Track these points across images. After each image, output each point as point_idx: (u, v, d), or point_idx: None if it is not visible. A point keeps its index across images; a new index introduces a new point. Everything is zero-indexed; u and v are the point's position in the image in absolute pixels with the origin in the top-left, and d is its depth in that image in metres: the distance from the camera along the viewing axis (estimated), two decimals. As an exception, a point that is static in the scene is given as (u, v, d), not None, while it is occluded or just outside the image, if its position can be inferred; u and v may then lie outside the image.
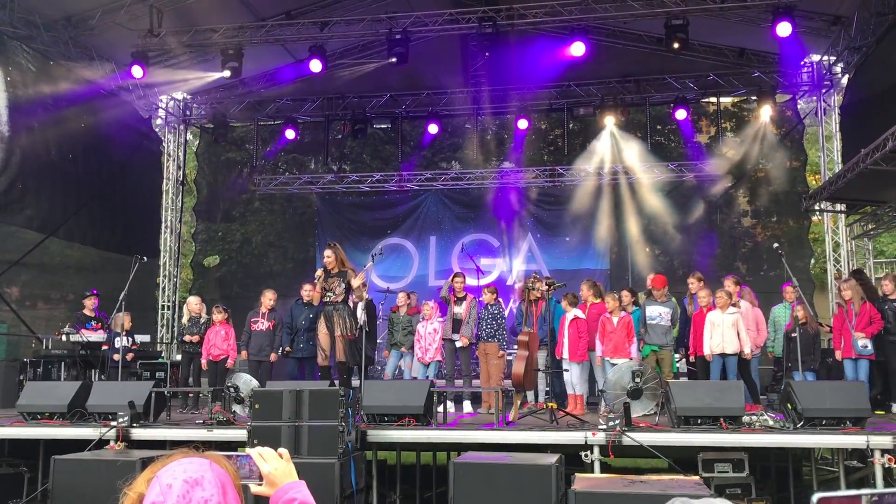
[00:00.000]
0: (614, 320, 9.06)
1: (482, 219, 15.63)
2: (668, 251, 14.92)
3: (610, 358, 8.92)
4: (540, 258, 15.15)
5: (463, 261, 14.54)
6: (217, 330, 10.06)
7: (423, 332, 9.96)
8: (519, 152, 15.50)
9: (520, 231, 15.42)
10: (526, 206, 15.46)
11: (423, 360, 9.89)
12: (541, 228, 15.42)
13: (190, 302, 10.68)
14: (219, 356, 9.94)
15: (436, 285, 14.60)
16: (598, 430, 6.38)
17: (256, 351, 10.01)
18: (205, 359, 9.96)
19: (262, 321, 10.12)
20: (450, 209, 15.80)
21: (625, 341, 8.96)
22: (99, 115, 13.10)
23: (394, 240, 15.83)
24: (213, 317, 10.20)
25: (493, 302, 9.77)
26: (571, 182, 15.27)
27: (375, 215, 16.05)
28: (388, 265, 15.38)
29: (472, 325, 9.68)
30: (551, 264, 14.97)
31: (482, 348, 9.57)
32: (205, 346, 10.02)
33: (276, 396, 6.27)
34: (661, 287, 9.44)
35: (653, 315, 9.26)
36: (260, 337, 10.06)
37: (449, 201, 15.79)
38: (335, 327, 8.51)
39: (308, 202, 16.54)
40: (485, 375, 9.57)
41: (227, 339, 10.03)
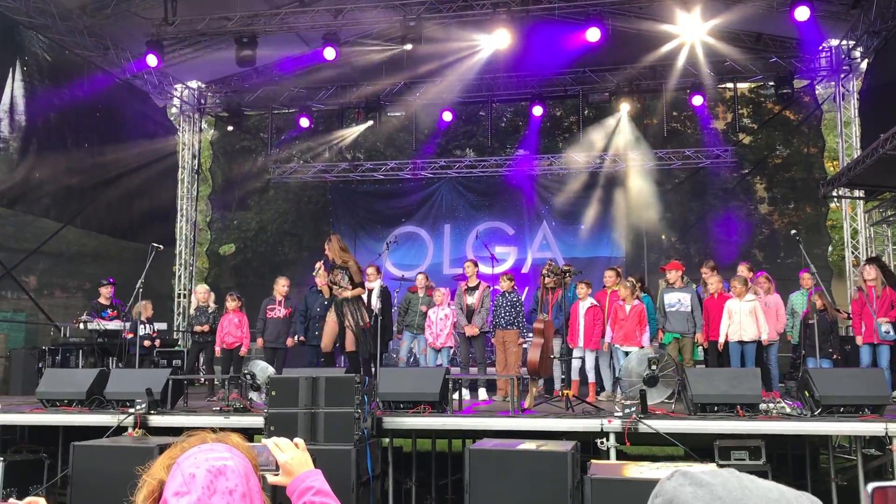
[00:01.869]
0: (627, 308, 9.06)
1: (497, 207, 15.64)
2: (684, 238, 14.85)
3: (620, 345, 8.95)
4: (555, 246, 15.15)
5: (478, 249, 14.53)
6: (231, 318, 10.13)
7: (434, 318, 9.97)
8: (534, 139, 15.47)
9: (535, 219, 15.45)
10: (540, 194, 15.46)
11: (434, 345, 9.91)
12: (555, 216, 15.39)
13: (197, 291, 10.74)
14: (233, 344, 10.01)
15: (450, 273, 14.70)
16: (613, 418, 6.35)
17: (273, 338, 10.05)
18: (219, 346, 10.03)
19: (279, 308, 10.15)
20: (464, 197, 15.79)
21: (636, 329, 8.95)
22: (114, 104, 13.17)
23: (408, 228, 15.87)
24: (227, 304, 10.27)
25: (511, 290, 9.79)
26: (587, 169, 15.23)
27: (390, 203, 16.08)
28: (403, 253, 15.43)
29: (484, 314, 9.67)
30: (566, 252, 14.96)
31: (500, 336, 9.55)
32: (218, 334, 10.10)
33: (293, 383, 6.26)
34: (676, 272, 9.38)
35: (671, 302, 9.23)
36: (277, 324, 10.10)
37: (463, 189, 15.78)
38: (346, 318, 8.49)
39: (322, 190, 16.56)
40: (502, 363, 9.57)
41: (241, 327, 10.09)
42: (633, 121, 15.03)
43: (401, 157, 16.02)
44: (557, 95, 15.08)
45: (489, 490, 5.43)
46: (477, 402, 9.39)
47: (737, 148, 14.81)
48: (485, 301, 9.75)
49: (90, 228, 12.72)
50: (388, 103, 15.14)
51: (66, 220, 11.97)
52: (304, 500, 1.85)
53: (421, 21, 11.42)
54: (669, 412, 6.91)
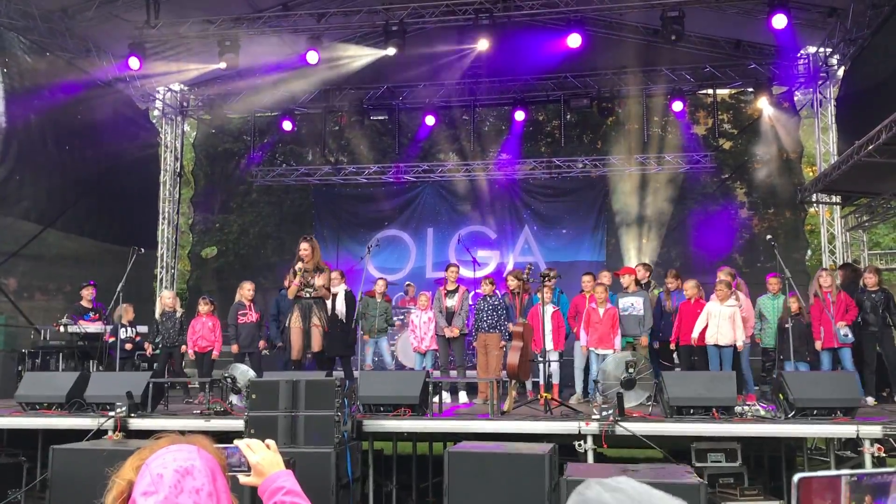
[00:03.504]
0: (600, 311, 9.15)
1: (479, 211, 15.61)
2: (664, 243, 14.97)
3: (595, 348, 9.05)
4: (536, 250, 15.17)
5: (460, 253, 14.53)
6: (203, 321, 10.11)
7: (417, 322, 10.00)
8: (516, 144, 15.51)
9: (516, 223, 15.45)
10: (522, 198, 15.48)
11: (419, 349, 9.94)
12: (537, 220, 15.41)
13: (163, 296, 10.80)
14: (205, 348, 10.01)
15: (434, 277, 14.61)
16: (591, 420, 6.42)
17: (248, 343, 10.03)
18: (191, 349, 10.02)
19: (251, 313, 10.13)
20: (447, 201, 15.79)
21: (610, 332, 9.07)
22: (96, 106, 13.09)
23: (391, 231, 15.82)
24: (199, 308, 10.26)
25: (492, 293, 9.78)
26: (568, 174, 15.33)
27: (372, 207, 16.05)
28: (386, 257, 15.41)
29: (463, 317, 9.71)
30: (548, 256, 14.96)
31: (482, 340, 9.53)
32: (190, 337, 10.06)
33: (273, 386, 6.31)
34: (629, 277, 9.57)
35: (625, 306, 9.39)
36: (250, 329, 10.07)
37: (446, 193, 15.79)
38: (313, 320, 8.41)
39: (305, 194, 16.52)
40: (483, 367, 9.56)
41: (214, 331, 10.09)
42: (614, 126, 15.15)
43: (383, 160, 16.03)
44: (539, 100, 15.16)
45: (468, 492, 5.48)
46: (457, 404, 9.42)
47: (717, 153, 14.96)
48: (464, 304, 9.79)
49: (71, 231, 12.63)
50: (371, 107, 15.18)
51: (47, 223, 11.90)
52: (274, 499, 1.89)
53: (403, 26, 11.47)
54: (647, 415, 6.98)
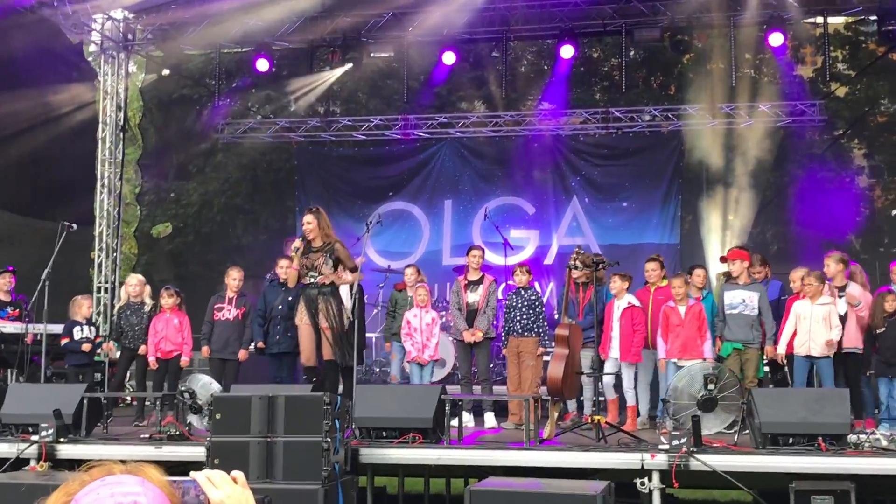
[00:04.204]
0: (681, 310, 9.07)
1: (513, 177, 15.63)
2: (757, 220, 14.84)
3: (677, 359, 8.93)
4: (588, 229, 15.16)
5: (487, 232, 14.59)
6: (168, 319, 10.10)
7: (416, 324, 9.98)
8: (562, 89, 15.44)
9: (561, 194, 15.44)
10: (570, 161, 15.46)
11: (418, 359, 9.92)
12: (590, 190, 15.41)
13: (129, 282, 10.70)
14: (171, 353, 10.00)
15: (452, 264, 14.74)
16: (658, 452, 6.41)
17: (221, 346, 10.01)
18: (152, 355, 10.03)
19: (230, 308, 10.11)
20: (470, 164, 15.78)
21: (696, 337, 8.96)
22: (13, 39, 13.09)
23: (397, 204, 15.88)
24: (162, 302, 10.24)
25: (528, 285, 9.78)
26: (631, 129, 15.23)
27: (373, 172, 16.07)
28: (390, 237, 15.48)
29: (490, 316, 9.74)
30: (603, 238, 15.00)
31: (514, 345, 9.55)
32: (151, 339, 10.07)
33: (243, 404, 6.33)
34: (741, 264, 9.38)
35: (733, 302, 9.21)
36: (226, 328, 10.06)
37: (469, 154, 15.77)
38: (320, 317, 8.54)
39: (286, 154, 16.57)
40: (515, 380, 9.58)
41: (181, 331, 10.11)
42: (692, 65, 15.00)
43: (388, 111, 16.01)
44: (594, 32, 14.91)
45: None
46: (482, 429, 9.44)
47: (828, 102, 14.78)
48: (490, 299, 9.76)
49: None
50: (371, 40, 15.06)
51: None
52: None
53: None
54: (731, 445, 6.90)
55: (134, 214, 17.49)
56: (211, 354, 10.07)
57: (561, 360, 8.16)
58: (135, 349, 10.28)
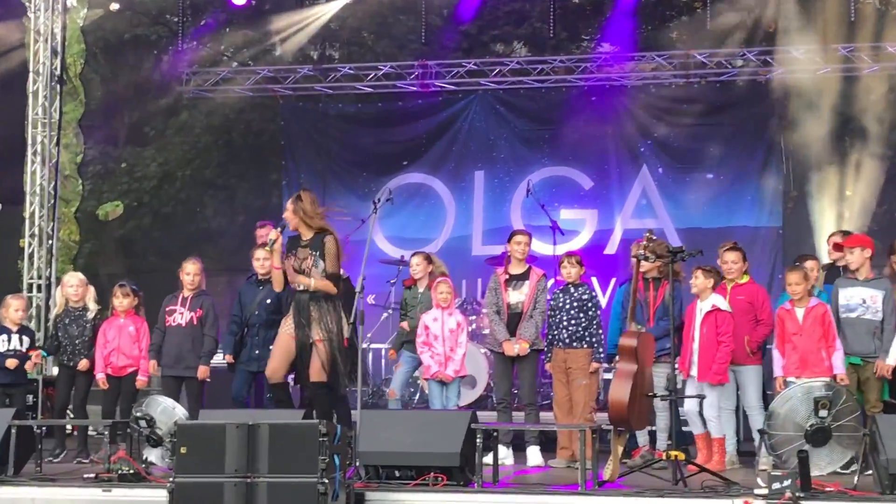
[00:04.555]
0: (798, 314, 8.95)
1: (564, 141, 15.49)
2: (884, 197, 14.82)
3: (796, 377, 8.80)
4: (662, 208, 15.10)
5: (531, 212, 14.67)
6: (122, 326, 10.13)
7: (437, 330, 9.94)
8: (629, 27, 15.36)
9: (627, 162, 15.36)
10: (639, 120, 15.35)
11: (440, 375, 9.87)
12: (664, 158, 15.30)
13: (66, 282, 10.67)
14: (125, 369, 10.04)
15: (484, 253, 14.67)
16: (754, 497, 6.42)
17: (173, 360, 9.99)
18: (100, 371, 10.03)
19: (182, 311, 10.09)
20: (509, 125, 15.66)
21: (819, 348, 8.86)
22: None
23: (413, 177, 15.89)
24: (114, 302, 10.26)
25: (579, 280, 9.70)
26: (718, 78, 15.10)
27: (382, 135, 16.05)
28: (405, 220, 15.57)
29: (538, 321, 9.69)
30: (682, 220, 14.97)
31: (560, 359, 9.53)
32: (100, 351, 10.08)
33: (216, 434, 6.46)
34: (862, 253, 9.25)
35: (851, 303, 9.18)
36: (178, 337, 10.01)
37: (507, 111, 15.65)
38: (312, 328, 8.51)
39: (270, 113, 16.63)
40: (564, 404, 9.57)
41: (138, 341, 10.12)
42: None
43: (401, 56, 15.95)
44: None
45: None
46: (524, 468, 9.45)
47: None
48: (539, 299, 9.73)
49: None
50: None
51: None
52: None
53: None
54: (848, 489, 6.90)
55: (75, 191, 17.45)
56: (161, 372, 10.06)
57: (627, 379, 8.03)
58: (74, 367, 10.29)
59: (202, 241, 15.74)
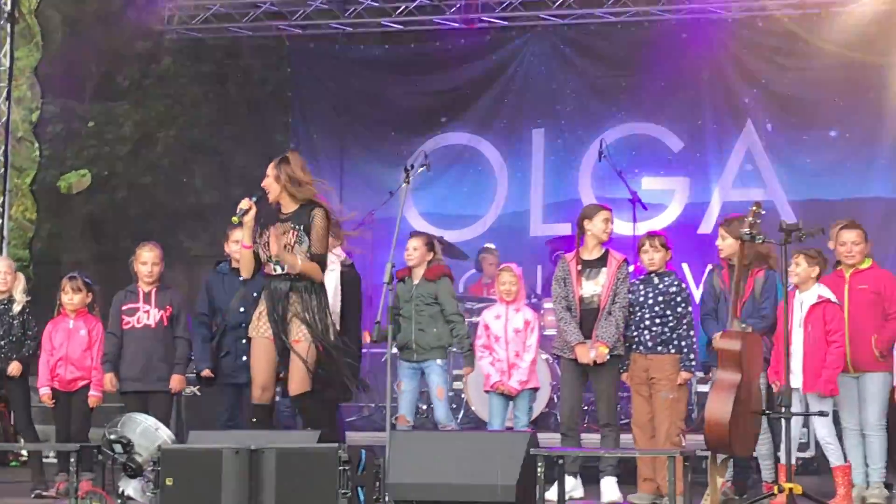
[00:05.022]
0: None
1: (646, 91, 15.81)
2: None
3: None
4: (772, 175, 15.29)
5: (605, 181, 15.30)
6: (72, 330, 10.60)
7: (499, 330, 10.32)
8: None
9: (729, 118, 15.57)
10: (744, 63, 15.44)
11: (500, 386, 10.25)
12: (775, 111, 15.39)
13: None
14: (75, 382, 10.52)
15: (545, 234, 15.29)
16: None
17: (140, 371, 10.34)
18: (45, 385, 10.55)
19: (147, 308, 10.44)
20: (576, 70, 16.00)
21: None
22: None
23: (454, 137, 16.42)
24: (63, 298, 10.67)
25: (665, 268, 10.00)
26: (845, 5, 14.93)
27: (415, 85, 16.46)
28: (444, 192, 16.29)
29: (619, 319, 9.87)
30: (796, 190, 15.13)
31: (640, 367, 9.78)
32: (44, 360, 10.56)
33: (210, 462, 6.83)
34: None
35: None
36: (144, 342, 10.38)
37: (574, 53, 15.94)
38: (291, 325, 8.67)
39: (274, 57, 16.95)
40: (646, 424, 9.80)
41: (91, 348, 10.62)
42: None
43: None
44: None
45: None
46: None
47: None
48: (619, 290, 9.94)
49: None
50: None
51: None
52: None
53: None
54: None
55: (30, 157, 17.64)
56: (121, 387, 10.44)
57: (728, 392, 8.33)
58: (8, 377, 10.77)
59: (189, 219, 15.95)
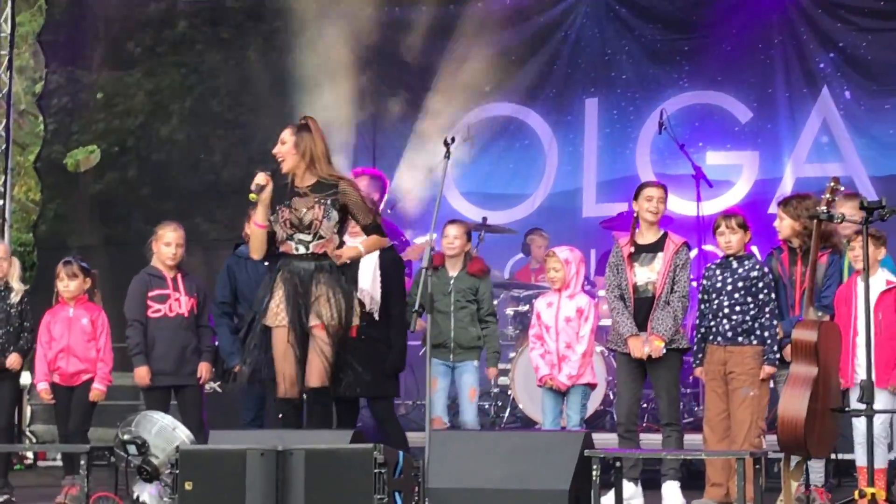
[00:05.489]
0: None
1: (710, 55, 15.45)
2: None
3: None
4: (851, 148, 14.92)
5: (665, 155, 14.98)
6: (72, 319, 10.52)
7: (549, 319, 10.14)
8: None
9: (802, 84, 15.20)
10: (818, 25, 15.14)
11: (548, 380, 10.06)
12: (855, 78, 15.07)
13: None
14: (77, 376, 10.43)
15: (598, 215, 15.09)
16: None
17: (173, 365, 10.33)
18: (42, 380, 10.50)
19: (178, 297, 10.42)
20: (632, 33, 15.69)
21: None
22: None
23: (499, 107, 16.10)
24: (59, 286, 10.62)
25: (743, 250, 9.75)
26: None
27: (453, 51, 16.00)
28: (489, 167, 15.97)
29: (679, 309, 9.82)
30: (877, 164, 14.82)
31: (718, 360, 9.60)
32: (41, 353, 10.51)
33: (233, 464, 6.75)
34: None
35: None
36: (178, 333, 10.38)
37: (630, 14, 15.67)
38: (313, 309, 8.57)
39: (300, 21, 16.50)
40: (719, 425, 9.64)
41: (95, 339, 10.52)
42: None
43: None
44: None
45: None
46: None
47: None
48: (679, 277, 9.87)
49: None
50: None
51: None
52: None
53: None
54: None
55: (34, 132, 17.66)
56: (153, 380, 10.30)
57: (804, 388, 8.17)
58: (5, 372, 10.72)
59: (208, 199, 15.86)
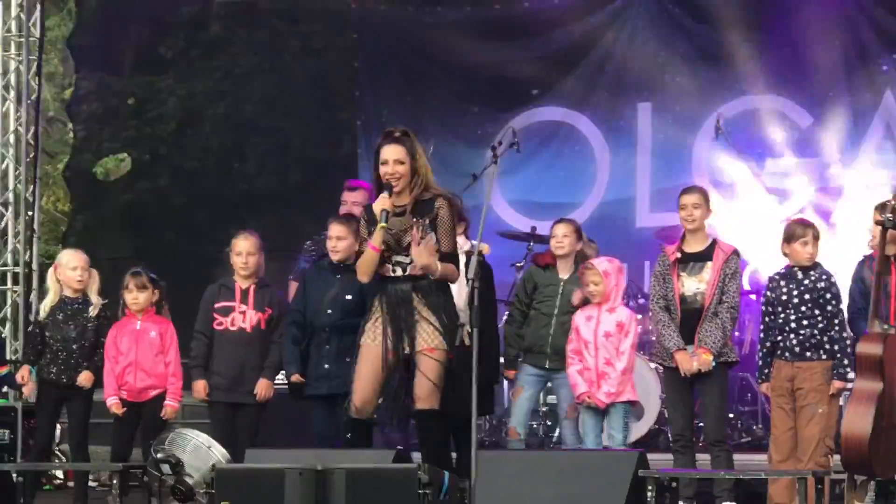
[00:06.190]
0: None
1: (768, 57, 15.28)
2: None
3: None
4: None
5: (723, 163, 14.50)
6: (140, 332, 10.41)
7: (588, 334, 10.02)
8: None
9: (864, 87, 15.11)
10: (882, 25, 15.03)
11: (586, 398, 9.98)
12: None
13: (65, 262, 10.83)
14: (146, 392, 10.35)
15: (652, 225, 14.97)
16: None
17: (231, 381, 10.23)
18: (112, 395, 10.31)
19: (243, 308, 10.31)
20: (687, 35, 15.63)
21: None
22: None
23: (548, 112, 16.07)
24: (126, 299, 10.46)
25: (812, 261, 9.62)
26: None
27: (501, 52, 16.08)
28: (537, 175, 15.80)
29: (726, 321, 9.78)
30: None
31: (785, 376, 9.53)
32: (110, 368, 10.35)
33: (271, 484, 6.75)
34: None
35: None
36: (240, 349, 10.27)
37: (685, 13, 15.59)
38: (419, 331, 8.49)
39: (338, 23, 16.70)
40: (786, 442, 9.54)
41: (164, 353, 10.41)
42: None
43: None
44: None
45: None
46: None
47: None
48: (728, 287, 9.81)
49: None
50: None
51: None
52: None
53: None
54: None
55: (63, 139, 17.72)
56: (211, 396, 10.24)
57: (868, 404, 8.29)
58: (67, 383, 10.49)
59: (242, 209, 15.88)
